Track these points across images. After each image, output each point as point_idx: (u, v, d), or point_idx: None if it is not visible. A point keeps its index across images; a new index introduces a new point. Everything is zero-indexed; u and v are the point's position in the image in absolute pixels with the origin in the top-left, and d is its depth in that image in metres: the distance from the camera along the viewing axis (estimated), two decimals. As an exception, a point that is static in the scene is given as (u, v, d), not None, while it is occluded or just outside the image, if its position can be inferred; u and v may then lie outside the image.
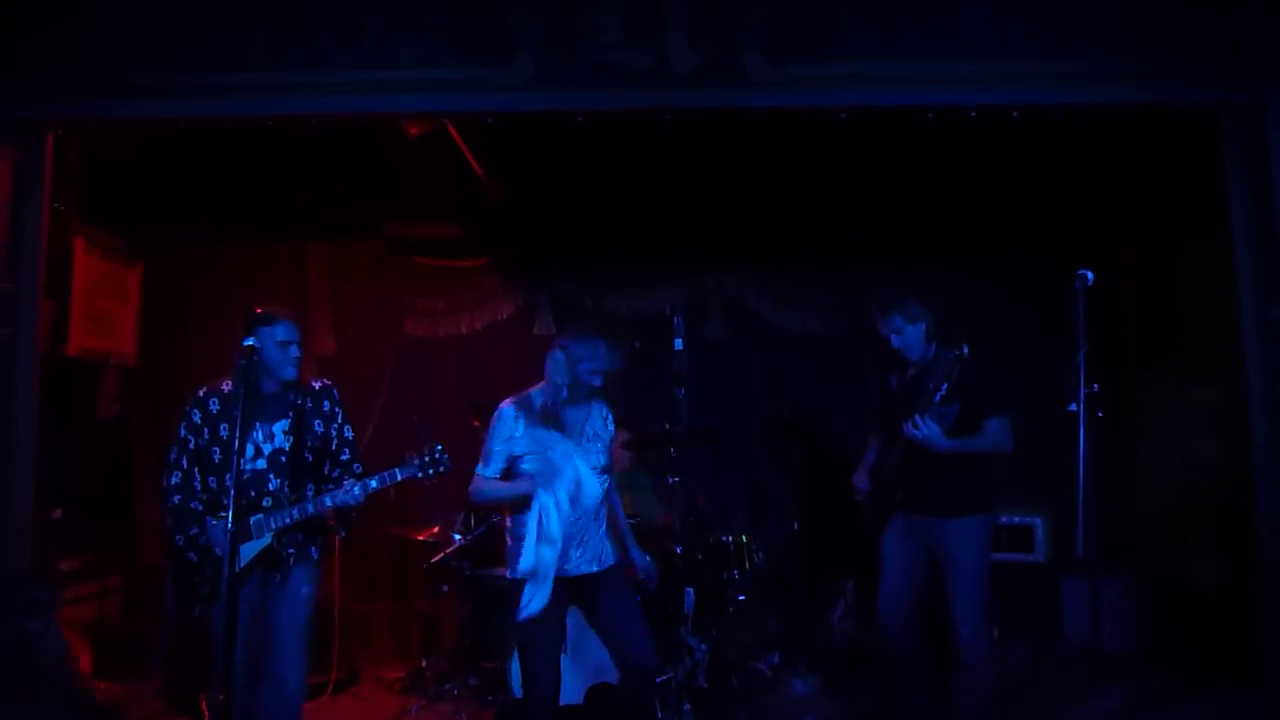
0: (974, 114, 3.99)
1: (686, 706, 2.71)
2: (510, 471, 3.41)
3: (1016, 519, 4.86)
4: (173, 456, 3.42)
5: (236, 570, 3.17)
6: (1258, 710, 4.06)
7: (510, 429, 3.42)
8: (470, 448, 5.59)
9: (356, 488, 3.32)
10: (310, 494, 3.40)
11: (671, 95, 3.94)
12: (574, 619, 4.49)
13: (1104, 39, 3.91)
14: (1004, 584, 4.06)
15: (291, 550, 3.39)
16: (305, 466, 3.45)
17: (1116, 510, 5.73)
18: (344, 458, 3.55)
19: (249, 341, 3.21)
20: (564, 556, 3.32)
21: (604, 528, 3.48)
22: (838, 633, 5.37)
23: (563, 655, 4.46)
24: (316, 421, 3.51)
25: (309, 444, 3.46)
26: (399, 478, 3.32)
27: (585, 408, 3.50)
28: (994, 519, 3.96)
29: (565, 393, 3.38)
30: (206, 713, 4.35)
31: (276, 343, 3.42)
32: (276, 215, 5.76)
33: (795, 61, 3.91)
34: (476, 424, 5.41)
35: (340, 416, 3.57)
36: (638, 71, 3.88)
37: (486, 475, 3.41)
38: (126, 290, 5.55)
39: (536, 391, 3.49)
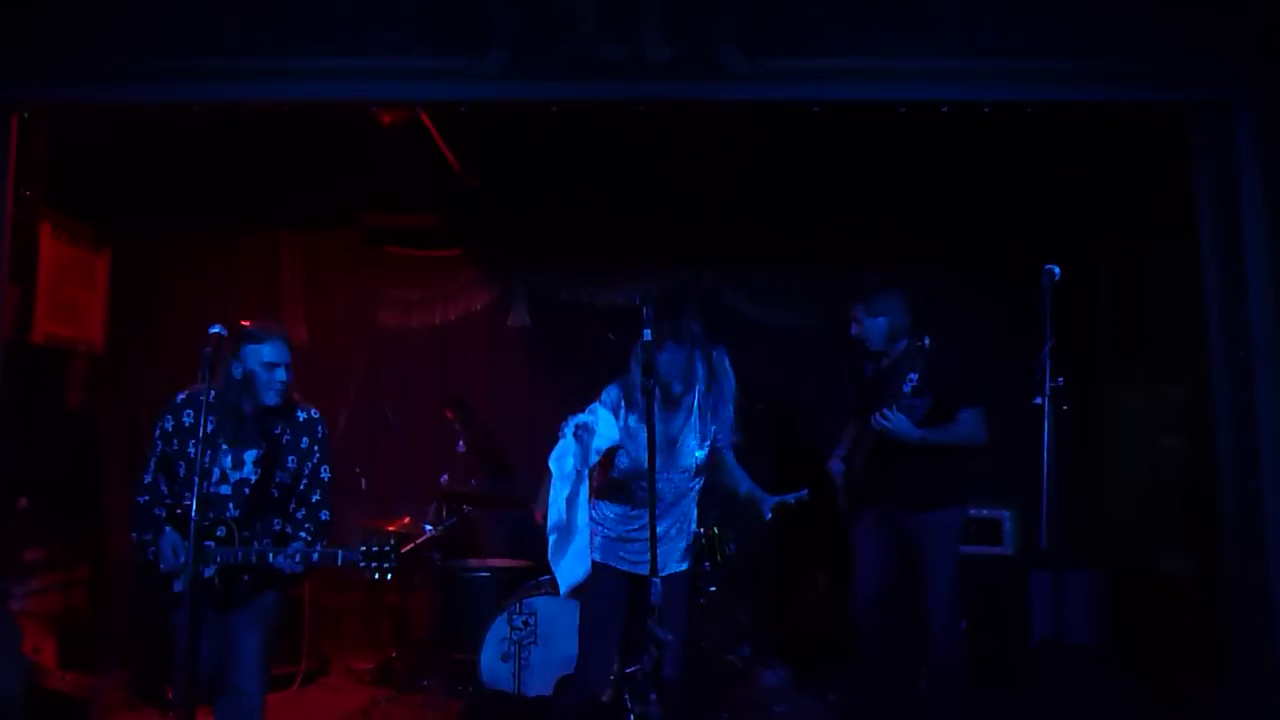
0: (945, 109, 4.01)
1: (653, 696, 2.71)
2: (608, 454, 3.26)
3: (985, 512, 4.91)
4: (148, 454, 3.30)
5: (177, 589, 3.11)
6: (1218, 703, 4.12)
7: (612, 403, 3.28)
8: (443, 438, 5.65)
9: (298, 556, 3.09)
10: (275, 529, 3.24)
11: (646, 87, 3.93)
12: (545, 609, 4.51)
13: (1074, 38, 3.94)
14: (973, 576, 4.11)
15: (246, 578, 3.18)
16: (270, 502, 3.23)
17: (1085, 505, 5.79)
18: (314, 499, 3.29)
19: (215, 329, 3.03)
20: (629, 552, 3.29)
21: (680, 531, 3.39)
22: (809, 624, 5.41)
23: (533, 646, 4.50)
24: (290, 457, 3.25)
25: (277, 479, 3.23)
26: (339, 562, 3.10)
27: (682, 401, 3.34)
28: (963, 512, 4.02)
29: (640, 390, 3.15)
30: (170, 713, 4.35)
31: (262, 362, 3.17)
32: (249, 203, 5.69)
33: (770, 55, 3.91)
34: (449, 415, 5.41)
35: (318, 455, 3.30)
36: (612, 63, 3.86)
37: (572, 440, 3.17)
38: (94, 277, 5.49)
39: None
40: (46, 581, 5.06)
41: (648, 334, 2.84)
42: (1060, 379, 3.14)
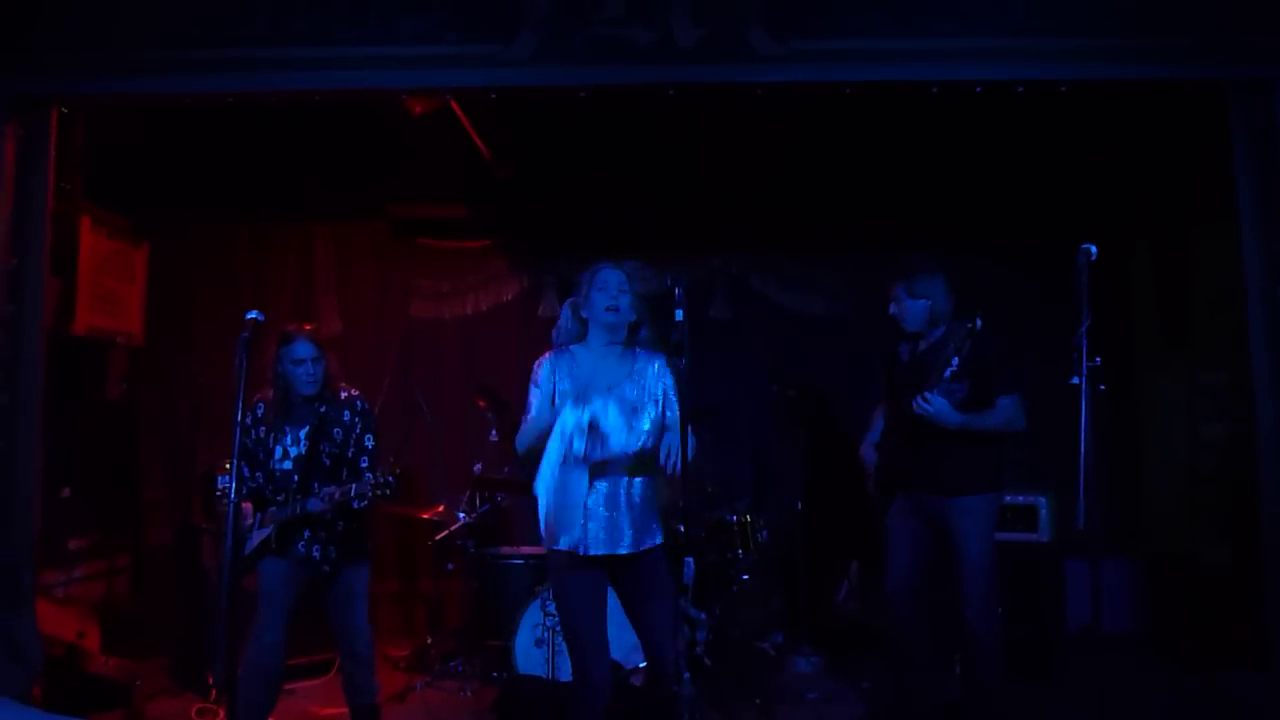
0: (979, 89, 3.95)
1: (686, 675, 2.70)
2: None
3: (1021, 498, 4.85)
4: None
5: (248, 551, 3.65)
6: (1258, 692, 4.04)
7: (547, 374, 3.22)
8: (475, 427, 5.68)
9: (325, 497, 3.58)
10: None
11: (675, 70, 3.91)
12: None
13: (1109, 15, 3.87)
14: (1009, 563, 4.06)
15: (335, 552, 3.70)
16: (323, 470, 3.72)
17: (1123, 493, 5.72)
18: (362, 464, 3.78)
19: (251, 314, 3.25)
20: (584, 531, 3.04)
21: (640, 502, 3.11)
22: (841, 612, 5.38)
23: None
24: (335, 430, 3.76)
25: (325, 450, 3.74)
26: (354, 495, 3.54)
27: (628, 358, 3.21)
28: (999, 498, 3.96)
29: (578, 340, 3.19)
30: (213, 690, 4.43)
31: (292, 360, 3.69)
32: (282, 196, 5.77)
33: (799, 36, 3.88)
34: (482, 404, 5.43)
35: (360, 426, 3.80)
36: (641, 46, 3.85)
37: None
38: (133, 269, 5.57)
39: (577, 346, 3.28)
40: (89, 569, 5.15)
41: (679, 314, 2.82)
42: (1097, 359, 3.09)
